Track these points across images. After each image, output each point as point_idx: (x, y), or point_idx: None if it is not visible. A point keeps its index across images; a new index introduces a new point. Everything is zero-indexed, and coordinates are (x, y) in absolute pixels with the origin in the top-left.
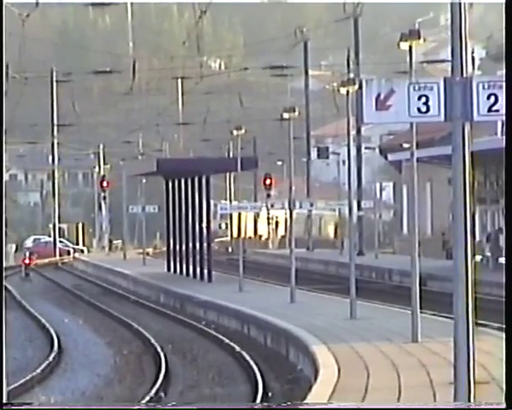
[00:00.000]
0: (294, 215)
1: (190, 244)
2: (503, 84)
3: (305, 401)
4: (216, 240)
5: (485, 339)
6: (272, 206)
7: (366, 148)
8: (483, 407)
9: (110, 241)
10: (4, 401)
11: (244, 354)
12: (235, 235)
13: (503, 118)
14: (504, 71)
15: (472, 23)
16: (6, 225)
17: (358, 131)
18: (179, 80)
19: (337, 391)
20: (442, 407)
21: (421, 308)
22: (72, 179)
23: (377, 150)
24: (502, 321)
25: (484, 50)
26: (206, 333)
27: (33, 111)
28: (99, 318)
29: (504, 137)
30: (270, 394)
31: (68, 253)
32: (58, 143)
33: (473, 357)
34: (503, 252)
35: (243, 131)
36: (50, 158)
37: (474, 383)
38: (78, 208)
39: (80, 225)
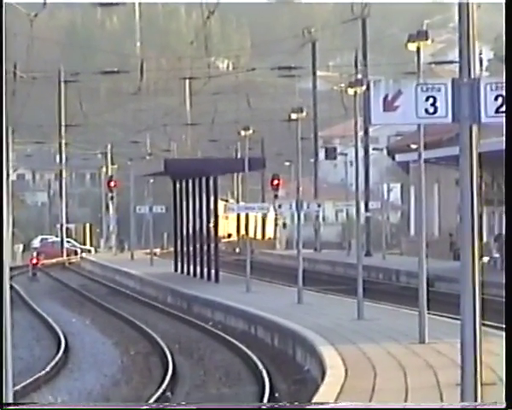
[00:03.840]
0: (269, 216)
1: (198, 245)
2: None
3: (309, 402)
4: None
5: (492, 340)
6: (280, 206)
7: (374, 149)
8: (483, 406)
9: (121, 241)
10: (4, 401)
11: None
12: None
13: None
14: (505, 71)
15: (480, 24)
16: (13, 225)
17: (366, 132)
18: (187, 81)
19: (344, 392)
20: (441, 408)
21: (428, 309)
22: (80, 179)
23: (385, 151)
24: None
25: (492, 51)
26: (212, 333)
27: (41, 111)
28: (106, 318)
29: (504, 137)
30: (276, 394)
31: (75, 253)
32: (66, 143)
33: (480, 358)
34: None
35: (251, 131)
36: (58, 158)
37: (481, 384)
38: (85, 208)
39: (88, 226)
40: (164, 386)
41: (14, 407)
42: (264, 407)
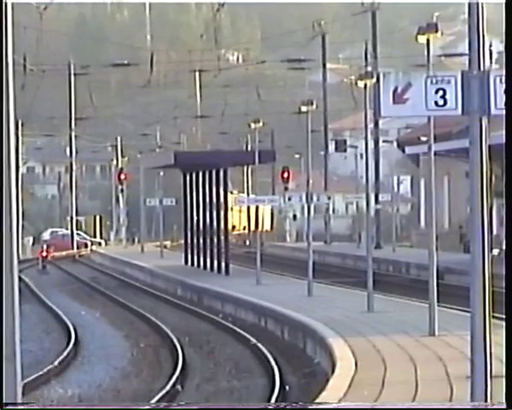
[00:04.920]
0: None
1: (208, 237)
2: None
3: (316, 401)
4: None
5: (502, 333)
6: (290, 199)
7: (384, 141)
8: (483, 406)
9: (133, 233)
10: (4, 400)
11: (260, 345)
12: None
13: None
14: (504, 71)
15: (490, 16)
16: (23, 218)
17: (376, 125)
18: (197, 73)
19: (354, 385)
20: (442, 407)
21: (438, 302)
22: (90, 172)
23: (395, 144)
24: None
25: (502, 44)
26: (223, 326)
27: (51, 104)
28: (116, 310)
29: (504, 134)
30: (287, 387)
31: (86, 245)
32: (76, 136)
33: (490, 351)
34: None
35: (261, 124)
36: (68, 151)
37: (491, 376)
38: (95, 201)
39: (98, 218)
40: (174, 379)
41: (15, 406)
42: (263, 408)
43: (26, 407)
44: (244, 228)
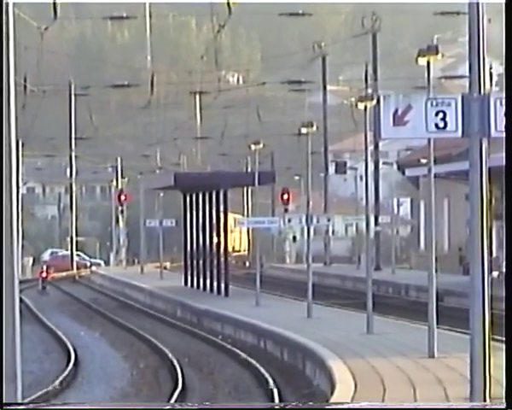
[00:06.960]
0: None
1: (207, 258)
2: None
3: (318, 403)
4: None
5: (501, 355)
6: (289, 221)
7: (384, 163)
8: (483, 406)
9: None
10: (4, 400)
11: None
12: None
13: None
14: (504, 72)
15: (490, 39)
16: (23, 238)
17: (376, 147)
18: (197, 94)
19: None
20: (442, 407)
21: (437, 324)
22: (90, 193)
23: (395, 166)
24: None
25: (502, 66)
26: (222, 347)
27: (51, 124)
28: (116, 331)
29: (504, 150)
30: None
31: (85, 266)
32: (76, 157)
33: (489, 373)
34: None
35: (261, 145)
36: (68, 171)
37: (491, 398)
38: (95, 222)
39: (97, 243)
40: (173, 400)
41: (14, 406)
42: (264, 408)
43: (25, 407)
44: (233, 249)
